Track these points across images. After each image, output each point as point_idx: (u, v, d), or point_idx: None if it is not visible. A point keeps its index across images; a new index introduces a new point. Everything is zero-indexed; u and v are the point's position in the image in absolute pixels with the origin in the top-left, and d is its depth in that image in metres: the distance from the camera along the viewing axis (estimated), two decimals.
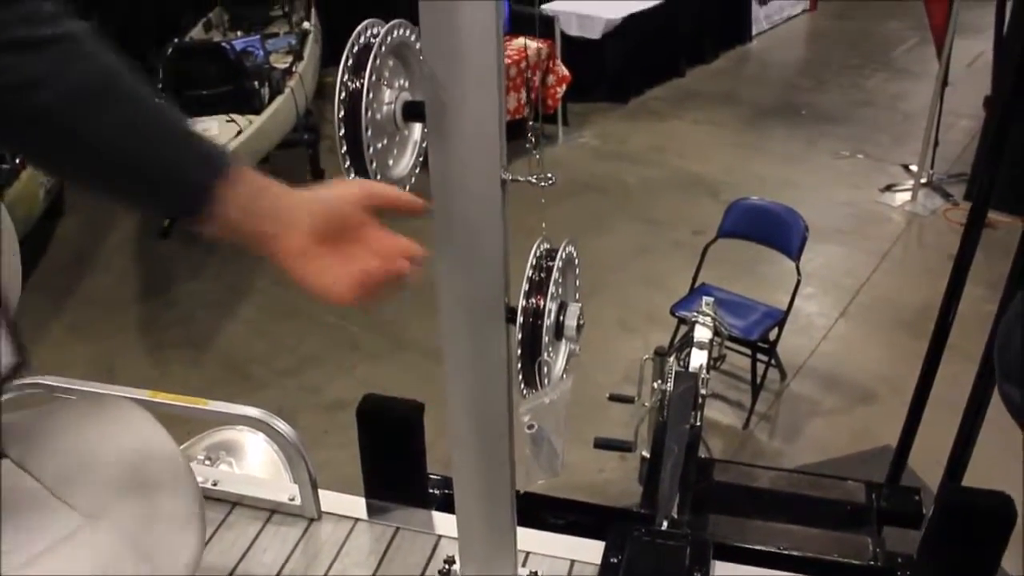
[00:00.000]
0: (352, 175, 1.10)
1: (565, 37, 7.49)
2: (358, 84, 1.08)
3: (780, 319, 4.16)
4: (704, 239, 4.44)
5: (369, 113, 1.07)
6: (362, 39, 1.11)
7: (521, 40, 6.14)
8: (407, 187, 1.19)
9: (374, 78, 1.07)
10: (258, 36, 6.84)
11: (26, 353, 1.14)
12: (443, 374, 1.43)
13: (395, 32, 1.12)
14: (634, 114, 7.95)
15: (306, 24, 7.25)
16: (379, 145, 1.13)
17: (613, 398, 2.98)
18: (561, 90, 6.90)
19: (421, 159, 1.23)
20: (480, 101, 1.09)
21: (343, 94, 1.08)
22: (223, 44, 5.80)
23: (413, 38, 1.16)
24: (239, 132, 5.19)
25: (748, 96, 8.37)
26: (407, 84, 1.19)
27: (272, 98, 5.77)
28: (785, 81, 8.83)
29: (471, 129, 1.12)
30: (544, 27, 6.92)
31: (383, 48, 1.09)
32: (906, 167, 6.71)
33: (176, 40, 6.69)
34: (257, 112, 5.50)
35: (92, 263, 5.77)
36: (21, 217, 5.27)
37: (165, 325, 5.10)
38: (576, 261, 1.31)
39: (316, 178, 6.29)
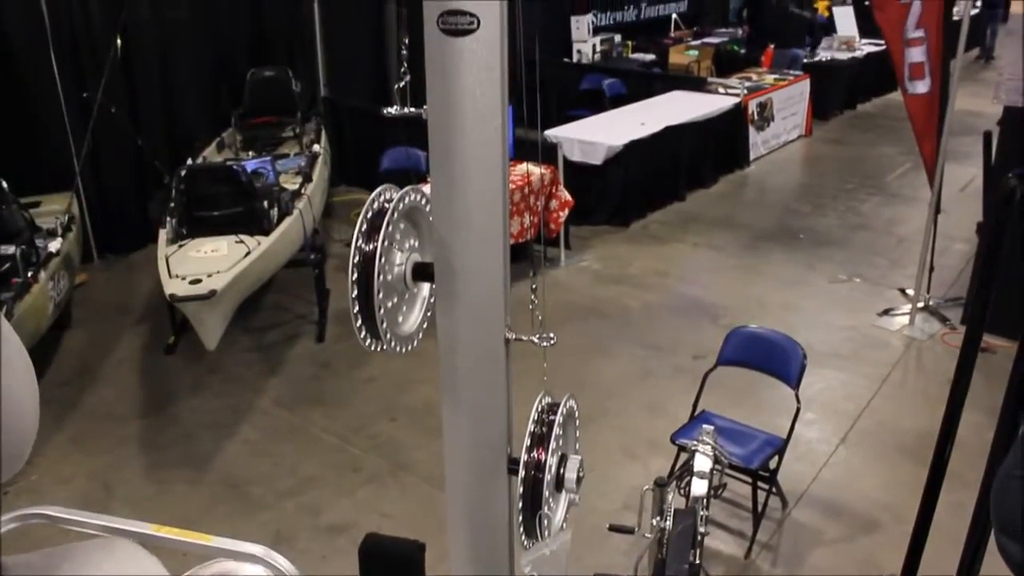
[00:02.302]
0: (363, 334, 1.15)
1: (568, 162, 7.69)
2: (372, 248, 1.14)
3: (780, 447, 4.16)
4: (704, 364, 4.47)
5: (381, 277, 1.13)
6: (376, 204, 1.18)
7: (525, 166, 6.30)
8: (415, 343, 1.24)
9: (387, 244, 1.13)
10: (269, 157, 7.03)
11: None
12: (444, 500, 1.45)
13: (407, 198, 1.19)
14: (635, 238, 8.09)
15: (316, 147, 7.45)
16: (389, 304, 1.18)
17: (613, 528, 2.96)
18: (563, 214, 7.04)
19: (429, 315, 1.29)
20: (486, 265, 1.15)
21: (357, 258, 1.14)
22: (235, 167, 5.94)
23: (424, 202, 1.23)
24: (247, 253, 5.28)
25: (747, 220, 8.54)
26: (417, 244, 1.26)
27: (281, 219, 5.88)
28: (783, 205, 9.02)
29: (477, 291, 1.18)
30: (547, 153, 7.11)
31: (395, 215, 1.16)
32: (903, 291, 6.80)
33: (189, 161, 6.89)
34: (266, 233, 5.61)
35: (96, 377, 5.79)
36: (31, 331, 5.31)
37: (165, 443, 5.09)
38: (576, 414, 1.35)
39: (322, 298, 6.37)
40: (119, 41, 6.78)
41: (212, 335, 5.01)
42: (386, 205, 1.16)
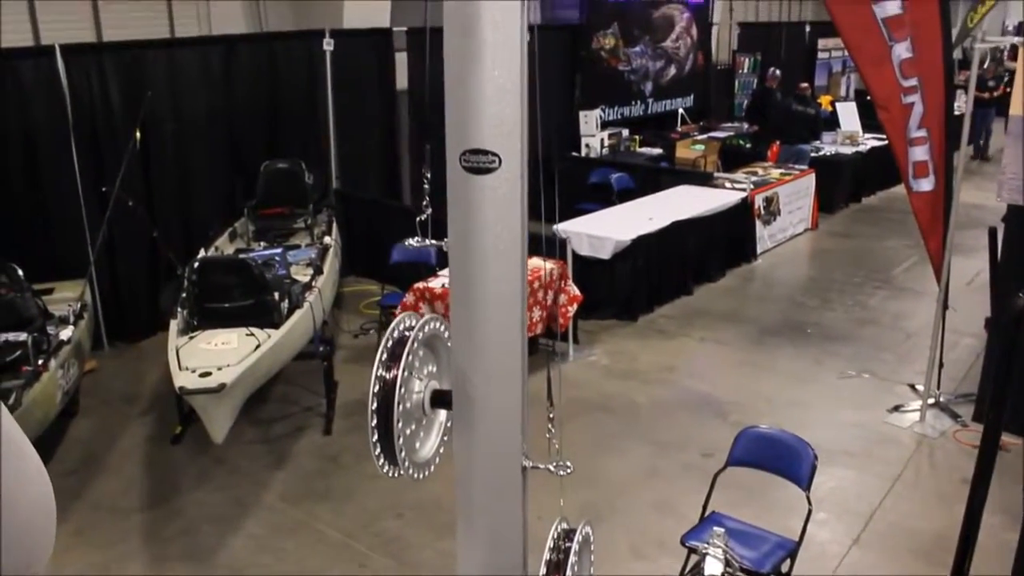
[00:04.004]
0: (381, 461, 1.16)
1: (576, 257, 7.75)
2: (392, 376, 1.16)
3: (792, 550, 4.10)
4: (713, 462, 4.45)
5: (401, 406, 1.15)
6: (396, 333, 1.20)
7: (534, 260, 6.35)
8: (431, 468, 1.26)
9: (407, 373, 1.15)
10: (280, 248, 7.12)
11: None
12: None
13: (427, 327, 1.22)
14: (643, 332, 8.11)
15: (327, 239, 7.53)
16: (408, 432, 1.20)
17: None
18: (572, 309, 7.07)
19: (446, 439, 1.30)
20: (503, 396, 1.17)
21: (377, 387, 1.16)
22: (247, 260, 6.00)
23: (443, 330, 1.26)
24: (258, 346, 5.30)
25: (755, 314, 8.56)
26: (435, 370, 1.28)
27: (292, 312, 5.92)
28: (790, 299, 9.05)
29: (494, 420, 1.19)
30: (557, 247, 7.17)
31: (415, 344, 1.18)
32: (913, 387, 6.77)
33: (202, 252, 6.97)
34: (276, 326, 5.64)
35: (101, 467, 5.77)
36: (38, 420, 5.31)
37: (169, 536, 5.04)
38: (592, 539, 1.35)
39: (330, 390, 6.37)
40: (138, 135, 6.94)
41: (220, 428, 5.00)
42: (406, 333, 1.19)
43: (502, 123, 1.10)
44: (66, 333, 5.93)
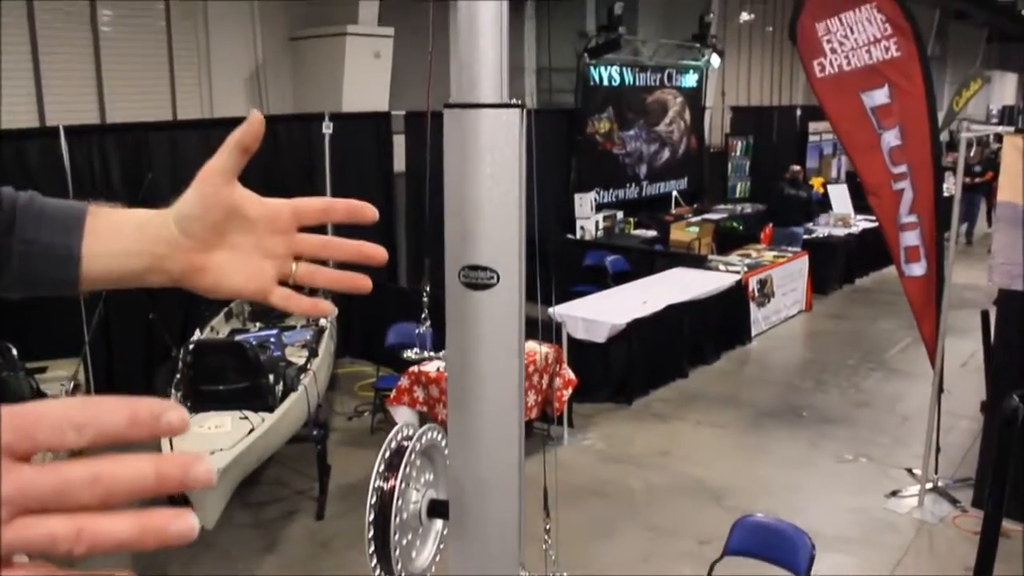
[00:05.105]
0: (378, 572, 1.16)
1: (571, 340, 7.77)
2: (390, 487, 1.16)
3: None
4: (710, 549, 4.40)
5: (398, 518, 1.15)
6: (394, 443, 1.22)
7: (530, 344, 6.36)
8: None
9: (404, 485, 1.16)
10: (276, 329, 7.12)
11: None
12: None
13: (425, 437, 1.23)
14: (639, 415, 8.08)
15: (323, 320, 7.55)
16: (404, 542, 1.20)
17: None
18: (567, 393, 7.06)
19: (442, 548, 1.30)
20: (500, 508, 1.18)
21: (375, 498, 1.16)
22: (242, 342, 6.01)
23: (440, 439, 1.27)
24: (251, 430, 5.27)
25: (750, 397, 8.55)
26: (432, 479, 1.29)
27: (286, 395, 5.91)
28: (785, 382, 9.05)
29: (491, 532, 1.19)
30: (552, 330, 7.19)
31: (413, 456, 1.19)
32: (910, 471, 6.73)
33: (198, 333, 6.98)
34: (270, 410, 5.62)
35: None
36: None
37: None
38: None
39: (323, 474, 6.32)
40: None
41: (211, 514, 4.94)
42: (404, 443, 1.20)
43: (501, 239, 1.13)
44: None
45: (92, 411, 0.50)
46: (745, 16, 16.80)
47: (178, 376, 5.88)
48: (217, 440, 5.13)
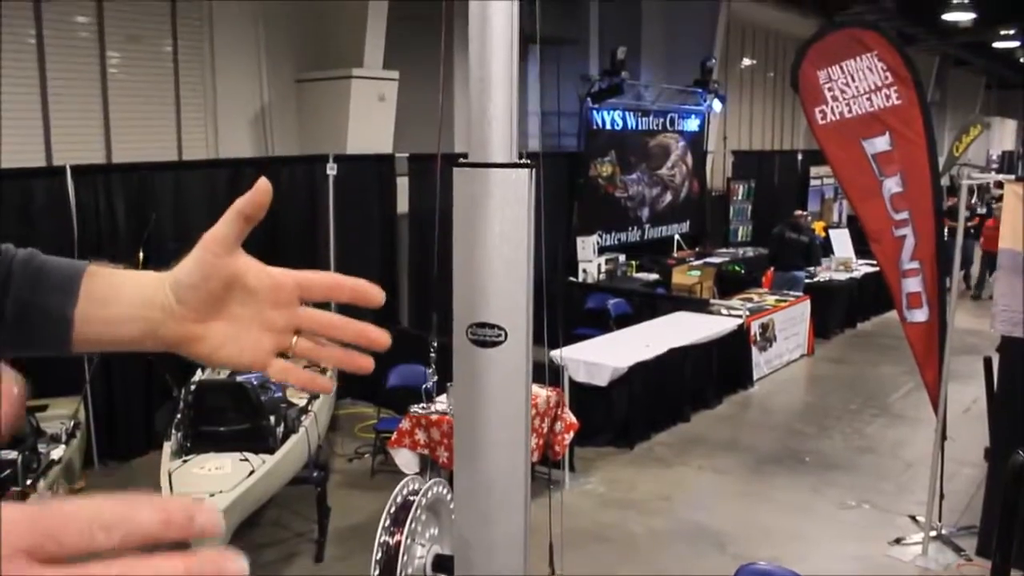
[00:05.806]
0: None
1: (573, 383, 7.75)
2: (396, 542, 1.16)
3: None
4: None
5: (403, 574, 1.15)
6: (399, 498, 1.22)
7: (531, 387, 6.34)
8: None
9: (410, 541, 1.15)
10: None
11: None
12: None
13: (431, 492, 1.23)
14: (640, 460, 8.03)
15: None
16: None
17: None
18: (569, 437, 7.02)
19: None
20: (506, 565, 1.17)
21: (380, 553, 1.16)
22: (243, 383, 6.00)
23: (446, 493, 1.27)
24: (251, 472, 5.25)
25: (752, 442, 8.51)
26: (437, 533, 1.28)
27: (286, 436, 5.89)
28: (788, 427, 9.01)
29: None
30: (553, 374, 7.17)
31: (419, 511, 1.19)
32: (914, 518, 6.67)
33: (199, 373, 6.96)
34: (271, 452, 5.59)
35: None
36: None
37: None
38: None
39: (323, 516, 6.27)
40: (141, 254, 7.04)
41: None
42: (410, 498, 1.20)
43: (509, 296, 1.14)
44: (57, 452, 5.88)
45: (123, 512, 0.50)
46: (747, 61, 17.00)
47: (179, 416, 5.87)
48: (217, 482, 5.10)
